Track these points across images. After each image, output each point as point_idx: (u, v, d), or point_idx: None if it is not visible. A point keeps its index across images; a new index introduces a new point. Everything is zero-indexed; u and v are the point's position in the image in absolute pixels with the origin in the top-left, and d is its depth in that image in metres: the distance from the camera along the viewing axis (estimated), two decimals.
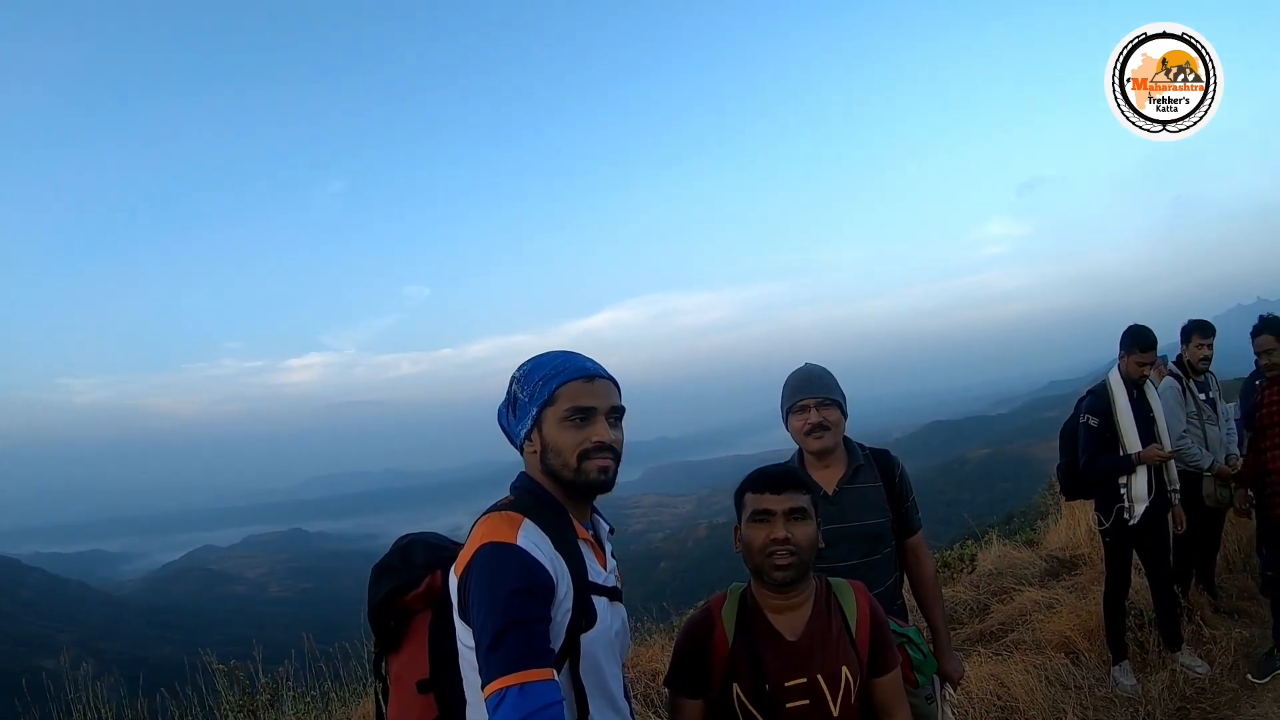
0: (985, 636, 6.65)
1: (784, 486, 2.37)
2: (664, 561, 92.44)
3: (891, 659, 2.46)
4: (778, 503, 2.35)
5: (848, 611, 2.43)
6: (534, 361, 2.09)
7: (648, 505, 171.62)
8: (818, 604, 2.42)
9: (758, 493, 2.39)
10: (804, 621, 2.39)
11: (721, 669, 2.39)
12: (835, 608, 2.43)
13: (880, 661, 2.43)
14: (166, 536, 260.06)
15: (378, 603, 2.08)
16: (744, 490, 2.45)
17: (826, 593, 2.47)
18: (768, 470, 2.46)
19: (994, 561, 8.58)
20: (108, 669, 7.92)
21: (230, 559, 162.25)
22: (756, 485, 2.41)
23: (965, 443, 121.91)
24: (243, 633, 57.15)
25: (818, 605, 2.42)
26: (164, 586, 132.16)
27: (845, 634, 2.39)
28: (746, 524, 2.40)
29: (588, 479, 1.98)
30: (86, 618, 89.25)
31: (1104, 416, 5.46)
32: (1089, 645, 5.80)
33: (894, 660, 2.48)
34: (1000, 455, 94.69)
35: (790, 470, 2.47)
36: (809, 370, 3.33)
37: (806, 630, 2.38)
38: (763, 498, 2.37)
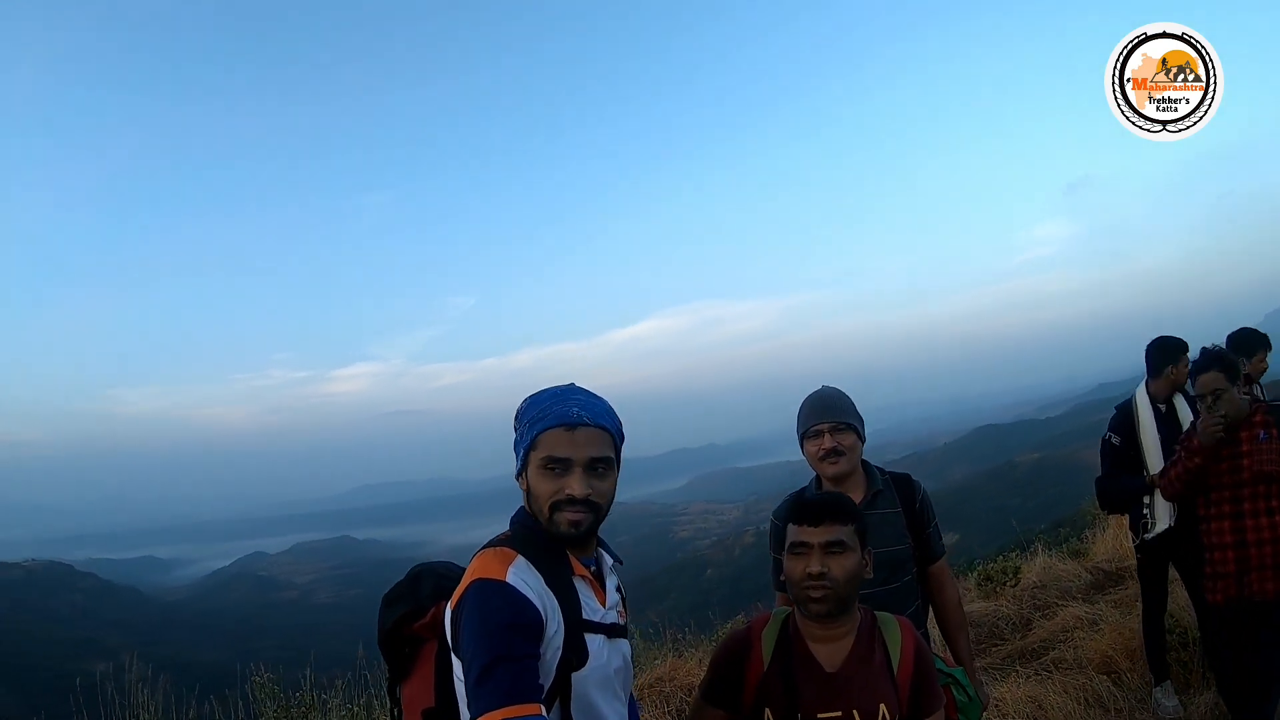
0: (1026, 654, 6.52)
1: (821, 518, 2.33)
2: (710, 568, 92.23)
3: (935, 700, 2.40)
4: (814, 535, 2.31)
5: (891, 648, 2.38)
6: (530, 400, 2.09)
7: (694, 512, 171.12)
8: (860, 637, 2.38)
9: (797, 523, 2.36)
10: (844, 654, 2.35)
11: (754, 691, 2.37)
12: (879, 642, 2.39)
13: (923, 702, 2.37)
14: (217, 543, 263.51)
15: (386, 631, 2.13)
16: (787, 519, 2.43)
17: (871, 626, 2.42)
18: (807, 502, 2.40)
19: (1038, 574, 8.38)
20: (158, 673, 8.04)
21: (279, 565, 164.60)
22: (796, 516, 2.37)
23: (1014, 447, 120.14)
24: (291, 639, 57.96)
25: (860, 638, 2.38)
26: (214, 592, 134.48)
27: (886, 670, 2.34)
28: (786, 555, 2.38)
29: (558, 531, 1.99)
30: (138, 622, 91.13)
31: (1127, 436, 5.31)
32: (1131, 665, 5.64)
33: (938, 702, 2.41)
34: (1049, 460, 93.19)
35: (830, 500, 2.42)
36: (823, 394, 3.28)
37: (846, 662, 2.33)
38: (801, 529, 2.34)
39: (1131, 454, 5.27)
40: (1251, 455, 4.16)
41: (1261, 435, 4.16)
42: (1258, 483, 4.16)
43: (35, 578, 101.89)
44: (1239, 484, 4.20)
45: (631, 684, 2.23)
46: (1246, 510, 4.18)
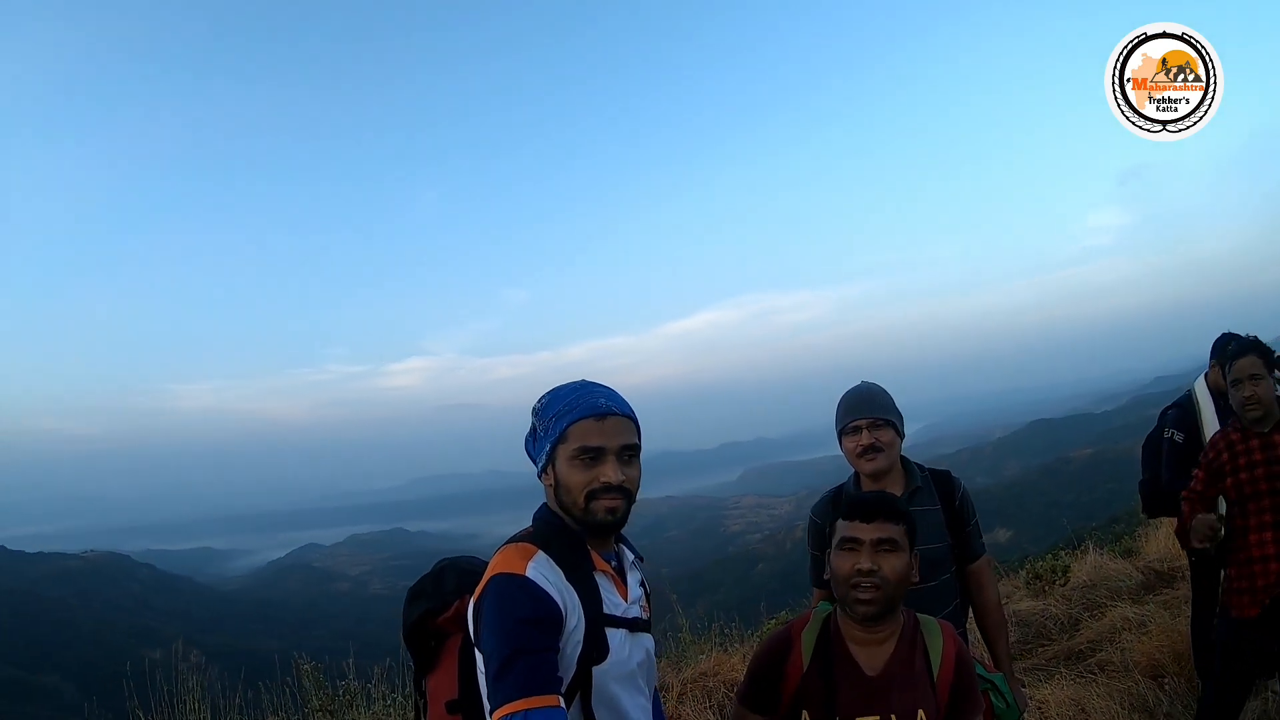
0: (1072, 655, 6.38)
1: (875, 515, 2.32)
2: (761, 563, 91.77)
3: (974, 706, 2.38)
4: (867, 531, 2.29)
5: (932, 652, 2.36)
6: (551, 394, 2.12)
7: (746, 506, 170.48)
8: (902, 640, 2.36)
9: (848, 519, 2.34)
10: (885, 657, 2.33)
11: (793, 692, 2.37)
12: (920, 647, 2.37)
13: (962, 708, 2.35)
14: (272, 535, 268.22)
15: (411, 625, 2.19)
16: (836, 515, 2.41)
17: (914, 630, 2.40)
18: (860, 497, 2.40)
19: (1089, 572, 8.24)
20: (212, 662, 8.22)
21: (333, 557, 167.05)
22: (848, 512, 2.35)
23: (1068, 442, 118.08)
24: (343, 629, 58.76)
25: (902, 642, 2.36)
26: (269, 583, 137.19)
27: (927, 674, 2.33)
28: (835, 551, 2.35)
29: (595, 519, 2.02)
30: (194, 611, 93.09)
31: (1190, 432, 5.01)
32: (1178, 669, 5.45)
33: (976, 707, 2.39)
34: (1104, 455, 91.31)
35: (884, 498, 2.41)
36: (862, 390, 3.26)
37: (887, 666, 2.32)
38: (853, 525, 2.32)
39: (1194, 452, 4.73)
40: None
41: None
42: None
43: (94, 568, 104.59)
44: (1278, 491, 3.84)
45: (655, 678, 2.24)
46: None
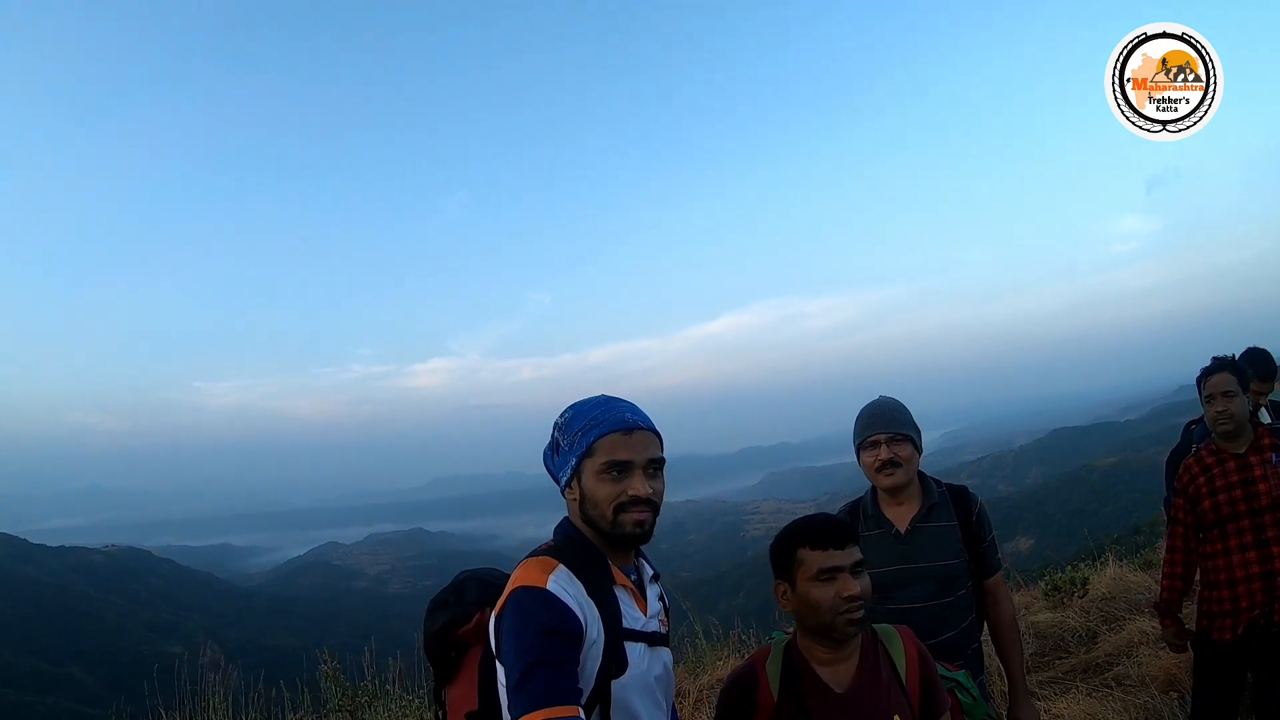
0: (1089, 669, 6.34)
1: (845, 540, 2.34)
2: None
3: (941, 703, 2.42)
4: (844, 558, 2.31)
5: (896, 658, 2.39)
6: (575, 409, 2.14)
7: (767, 511, 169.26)
8: (865, 653, 2.38)
9: (821, 549, 2.33)
10: (852, 672, 2.35)
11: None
12: (884, 656, 2.39)
13: (930, 708, 2.39)
14: (293, 532, 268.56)
15: (432, 636, 2.21)
16: (797, 545, 2.38)
17: (873, 641, 2.42)
18: (826, 525, 2.39)
19: (1108, 585, 8.16)
20: (232, 657, 8.28)
21: (353, 555, 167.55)
22: (819, 541, 2.34)
23: (1091, 450, 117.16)
24: (362, 627, 58.95)
25: (865, 655, 2.38)
26: (289, 580, 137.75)
27: (895, 681, 2.35)
28: (811, 583, 2.33)
29: (623, 532, 2.03)
30: (214, 607, 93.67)
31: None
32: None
33: (944, 705, 2.43)
34: (1128, 464, 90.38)
35: (845, 521, 2.43)
36: (880, 404, 3.26)
37: (854, 681, 2.34)
38: (828, 554, 2.31)
39: None
40: (1267, 480, 3.86)
41: (1273, 459, 3.89)
42: (1278, 509, 3.85)
43: (115, 562, 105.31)
44: (1257, 511, 3.87)
45: (673, 691, 2.25)
46: (1271, 538, 3.83)
